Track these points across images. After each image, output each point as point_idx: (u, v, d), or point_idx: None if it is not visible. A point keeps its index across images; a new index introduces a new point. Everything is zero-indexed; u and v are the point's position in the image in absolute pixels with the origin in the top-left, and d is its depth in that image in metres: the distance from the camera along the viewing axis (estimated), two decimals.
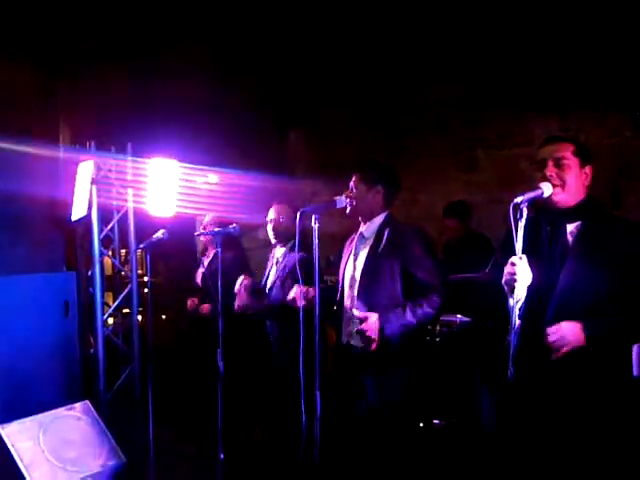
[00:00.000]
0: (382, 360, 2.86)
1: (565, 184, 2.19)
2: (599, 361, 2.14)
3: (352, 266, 3.05)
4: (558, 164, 2.20)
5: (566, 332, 2.08)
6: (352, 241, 3.17)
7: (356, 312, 2.83)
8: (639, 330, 2.17)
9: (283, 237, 3.83)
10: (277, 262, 3.89)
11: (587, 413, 2.14)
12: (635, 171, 4.75)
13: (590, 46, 4.63)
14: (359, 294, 2.95)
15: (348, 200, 2.91)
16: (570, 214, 2.22)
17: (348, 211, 3.00)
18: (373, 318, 2.77)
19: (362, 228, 3.09)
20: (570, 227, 2.22)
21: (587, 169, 2.25)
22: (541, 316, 2.14)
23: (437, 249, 3.77)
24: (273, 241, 3.90)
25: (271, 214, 3.87)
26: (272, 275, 3.87)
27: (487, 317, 3.04)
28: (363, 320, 2.78)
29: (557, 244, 2.21)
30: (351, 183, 3.04)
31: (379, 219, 3.05)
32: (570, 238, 2.21)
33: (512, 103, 5.19)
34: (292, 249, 3.74)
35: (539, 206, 2.18)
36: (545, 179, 2.19)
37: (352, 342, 2.97)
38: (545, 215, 2.24)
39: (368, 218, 3.06)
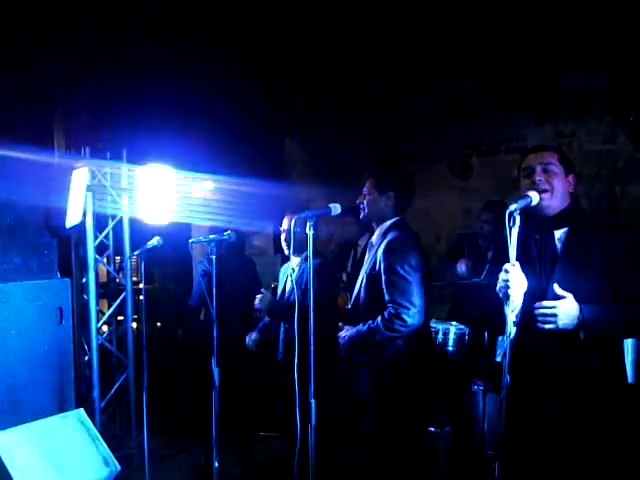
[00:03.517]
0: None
1: (554, 189, 2.25)
2: (594, 366, 2.16)
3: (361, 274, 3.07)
4: (546, 170, 2.26)
5: (562, 308, 2.08)
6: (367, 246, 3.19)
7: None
8: (633, 322, 2.18)
9: (297, 248, 3.54)
10: (293, 272, 3.77)
11: (583, 420, 2.15)
12: (629, 177, 4.77)
13: (584, 52, 4.65)
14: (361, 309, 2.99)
15: (361, 205, 3.01)
16: (557, 220, 2.27)
17: (362, 216, 3.06)
18: None
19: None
20: (558, 233, 2.27)
21: (571, 177, 2.31)
22: (534, 323, 2.15)
23: (431, 256, 3.76)
24: (286, 252, 3.75)
25: (284, 225, 3.76)
26: (288, 284, 3.77)
27: (483, 325, 3.04)
28: None
29: (546, 251, 2.26)
30: (365, 188, 3.04)
31: (386, 225, 3.00)
32: (558, 244, 2.25)
33: (507, 109, 5.20)
34: (306, 259, 3.66)
35: (527, 214, 2.21)
36: (533, 186, 2.23)
37: None
38: (533, 222, 2.28)
39: (379, 223, 3.05)
